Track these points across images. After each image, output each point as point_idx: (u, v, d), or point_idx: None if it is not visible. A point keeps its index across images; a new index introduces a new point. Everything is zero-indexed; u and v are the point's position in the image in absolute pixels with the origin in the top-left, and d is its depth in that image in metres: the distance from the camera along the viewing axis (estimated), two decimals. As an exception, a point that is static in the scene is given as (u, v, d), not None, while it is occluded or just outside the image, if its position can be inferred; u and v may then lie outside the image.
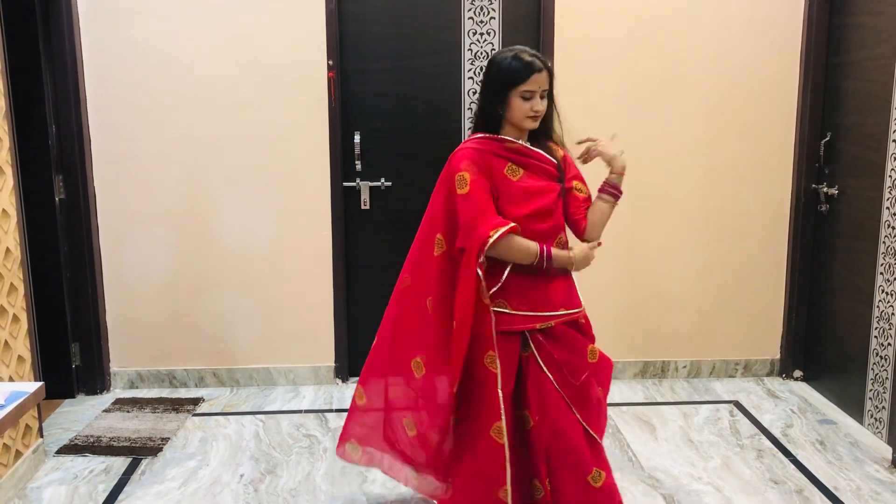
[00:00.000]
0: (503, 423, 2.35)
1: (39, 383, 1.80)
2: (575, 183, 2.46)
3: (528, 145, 2.39)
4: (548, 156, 2.40)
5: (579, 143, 2.50)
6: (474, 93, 3.88)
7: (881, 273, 3.38)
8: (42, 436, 3.25)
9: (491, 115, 2.37)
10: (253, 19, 3.74)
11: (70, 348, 3.88)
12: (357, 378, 4.07)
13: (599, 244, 2.47)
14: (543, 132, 2.42)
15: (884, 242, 3.36)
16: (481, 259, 2.28)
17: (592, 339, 2.51)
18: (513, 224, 2.29)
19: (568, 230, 2.48)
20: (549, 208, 2.38)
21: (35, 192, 3.66)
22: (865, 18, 3.53)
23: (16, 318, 3.04)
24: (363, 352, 4.11)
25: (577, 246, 2.45)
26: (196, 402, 3.83)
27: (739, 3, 3.84)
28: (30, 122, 3.64)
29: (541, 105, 2.32)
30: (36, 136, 3.67)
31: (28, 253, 3.19)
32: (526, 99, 2.30)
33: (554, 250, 2.36)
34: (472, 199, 2.30)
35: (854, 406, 3.61)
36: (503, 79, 2.31)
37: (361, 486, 3.03)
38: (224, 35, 3.75)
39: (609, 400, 3.81)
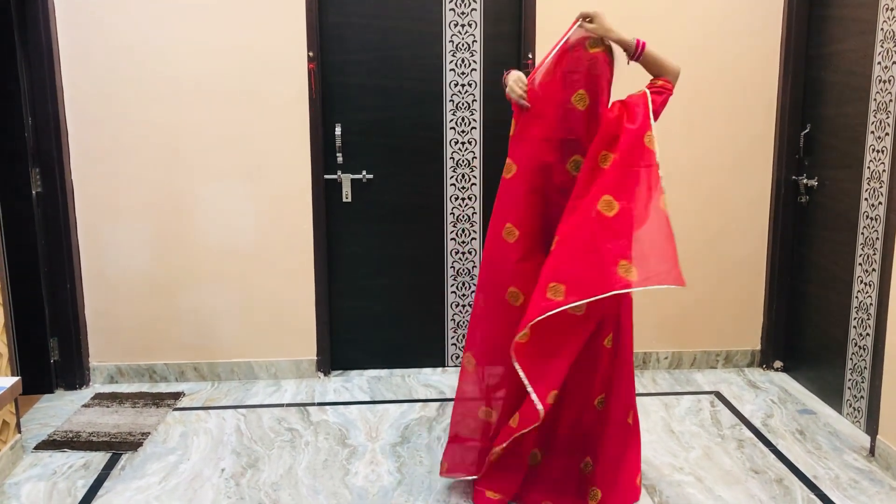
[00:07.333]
0: None
1: (16, 378, 1.78)
2: None
3: None
4: None
5: None
6: (456, 84, 3.86)
7: (860, 264, 3.40)
8: (20, 431, 3.22)
9: None
10: (232, 10, 3.70)
11: (48, 343, 3.83)
12: (338, 371, 4.11)
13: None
14: None
15: (862, 233, 3.38)
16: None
17: None
18: None
19: None
20: None
21: (11, 185, 3.61)
22: (845, 10, 3.54)
23: (-8, 313, 3.00)
24: (345, 345, 4.14)
25: None
26: (177, 396, 3.80)
27: (720, -5, 3.86)
28: (6, 114, 3.58)
29: None
30: (12, 128, 3.61)
31: (4, 247, 3.15)
32: None
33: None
34: None
35: (833, 396, 3.65)
36: None
37: (344, 479, 3.02)
38: (203, 26, 3.70)
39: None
